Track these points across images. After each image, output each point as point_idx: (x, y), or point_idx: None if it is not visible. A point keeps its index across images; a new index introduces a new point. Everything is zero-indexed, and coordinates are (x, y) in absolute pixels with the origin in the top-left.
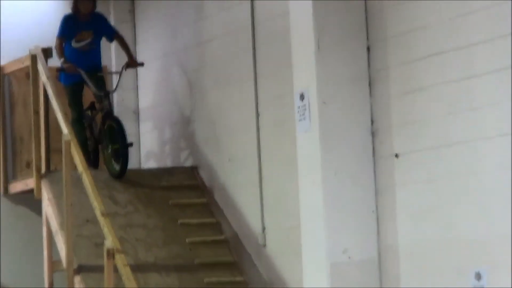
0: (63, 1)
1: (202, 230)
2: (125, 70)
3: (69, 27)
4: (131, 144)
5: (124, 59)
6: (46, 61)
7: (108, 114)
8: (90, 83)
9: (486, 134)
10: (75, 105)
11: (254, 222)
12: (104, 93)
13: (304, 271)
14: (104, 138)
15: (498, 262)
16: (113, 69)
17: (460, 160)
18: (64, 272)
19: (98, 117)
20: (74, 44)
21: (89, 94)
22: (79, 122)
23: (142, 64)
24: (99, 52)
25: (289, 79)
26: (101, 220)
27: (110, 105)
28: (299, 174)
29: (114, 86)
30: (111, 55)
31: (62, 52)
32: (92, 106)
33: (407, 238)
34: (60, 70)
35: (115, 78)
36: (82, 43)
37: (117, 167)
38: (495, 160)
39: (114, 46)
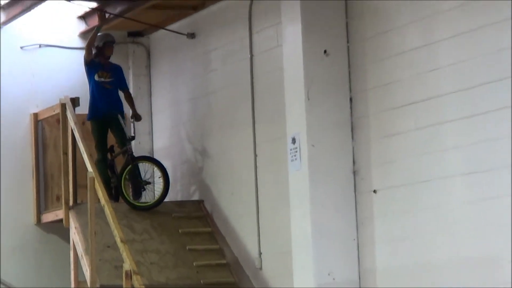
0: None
1: (207, 255)
2: (131, 120)
3: (92, 66)
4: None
5: (139, 107)
6: (74, 109)
7: (131, 156)
8: (112, 127)
9: (452, 173)
10: (101, 146)
11: (251, 248)
12: (129, 139)
13: None
14: (124, 174)
15: (464, 283)
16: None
17: (430, 195)
18: None
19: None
20: (96, 77)
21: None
22: (103, 162)
23: (140, 118)
24: (118, 94)
25: (283, 125)
26: (121, 246)
27: (130, 147)
28: (291, 207)
29: (132, 133)
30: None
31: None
32: (111, 149)
33: (384, 262)
34: (88, 119)
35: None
36: (103, 79)
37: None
38: (460, 195)
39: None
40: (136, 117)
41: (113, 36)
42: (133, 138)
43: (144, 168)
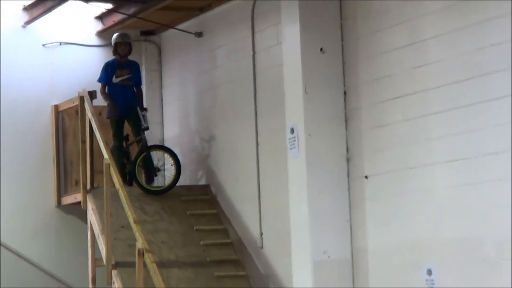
0: (105, 50)
1: (212, 234)
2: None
3: (108, 70)
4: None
5: (151, 99)
6: (91, 101)
7: (145, 145)
8: (129, 120)
9: (437, 160)
10: (118, 136)
11: (253, 229)
12: (143, 129)
13: (293, 267)
14: (138, 161)
15: (445, 261)
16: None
17: (416, 181)
18: (104, 267)
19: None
20: (114, 79)
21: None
22: (119, 149)
23: (146, 110)
24: (134, 91)
25: (282, 116)
26: (133, 226)
27: (145, 137)
28: (290, 191)
29: (146, 124)
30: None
31: (105, 95)
32: (126, 138)
33: (374, 242)
34: (107, 118)
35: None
36: (121, 78)
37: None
38: (443, 180)
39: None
40: (142, 109)
41: (127, 36)
42: (147, 128)
43: (157, 156)
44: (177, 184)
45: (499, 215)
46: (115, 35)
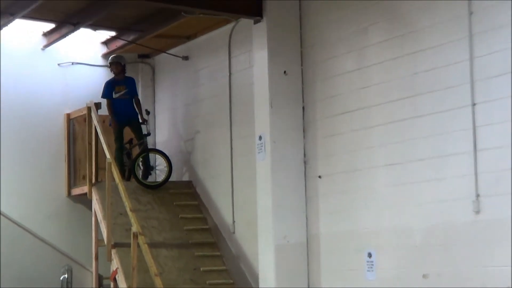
0: (108, 69)
1: (194, 221)
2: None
3: (109, 88)
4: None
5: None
6: (97, 111)
7: (146, 148)
8: (131, 128)
9: (377, 164)
10: (119, 140)
11: (227, 217)
12: (145, 135)
13: (259, 249)
14: (138, 161)
15: (382, 246)
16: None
17: (361, 180)
18: (105, 247)
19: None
20: (114, 95)
21: (127, 133)
22: (119, 150)
23: (146, 120)
24: (133, 103)
25: (252, 126)
26: (130, 214)
27: (146, 141)
28: (257, 187)
29: (147, 131)
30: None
31: (110, 110)
32: (130, 141)
33: (325, 229)
34: (109, 125)
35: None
36: (119, 94)
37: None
38: (382, 180)
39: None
40: (143, 120)
41: (118, 57)
42: (149, 134)
43: (152, 158)
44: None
45: (425, 210)
46: (110, 57)
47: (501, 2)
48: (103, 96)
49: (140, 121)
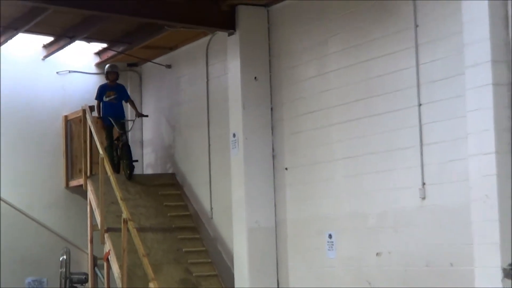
0: (101, 76)
1: (177, 209)
2: (137, 118)
3: (101, 91)
4: (136, 161)
5: (134, 113)
6: (91, 113)
7: (125, 144)
8: (116, 126)
9: (336, 157)
10: (109, 138)
11: (206, 204)
12: (123, 132)
13: (234, 233)
14: (122, 156)
15: (341, 228)
16: (129, 118)
17: (322, 172)
18: (99, 231)
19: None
20: (105, 98)
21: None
22: (110, 147)
23: (147, 116)
24: (121, 106)
25: (227, 125)
26: (120, 202)
27: (127, 138)
28: (232, 178)
29: (129, 128)
30: (127, 111)
31: (98, 110)
32: (117, 139)
33: (291, 215)
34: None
35: (131, 123)
36: (109, 98)
37: (127, 173)
38: (340, 172)
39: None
40: (141, 115)
41: (115, 66)
42: (126, 131)
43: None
44: (152, 172)
45: (378, 197)
46: (107, 66)
47: (442, 17)
48: (96, 97)
49: (136, 116)
